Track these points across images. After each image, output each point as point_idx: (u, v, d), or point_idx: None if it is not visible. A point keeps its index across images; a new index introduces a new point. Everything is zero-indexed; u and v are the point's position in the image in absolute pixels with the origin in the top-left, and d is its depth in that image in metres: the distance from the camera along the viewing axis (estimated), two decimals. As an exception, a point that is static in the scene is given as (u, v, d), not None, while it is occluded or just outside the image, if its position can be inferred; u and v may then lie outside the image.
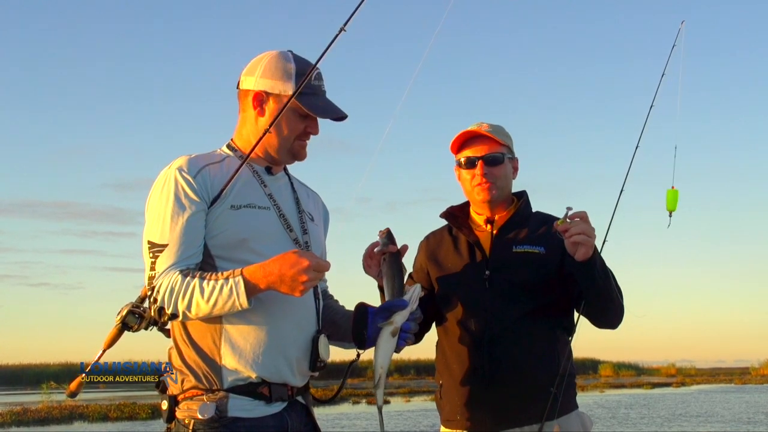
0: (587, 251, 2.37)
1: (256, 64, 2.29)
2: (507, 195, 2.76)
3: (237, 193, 2.19)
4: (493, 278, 2.63)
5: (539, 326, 2.59)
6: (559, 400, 2.50)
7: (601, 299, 2.51)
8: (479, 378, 2.58)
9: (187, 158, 2.19)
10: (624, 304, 2.60)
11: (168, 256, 2.10)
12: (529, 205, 2.79)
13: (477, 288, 2.64)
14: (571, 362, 2.63)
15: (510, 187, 2.76)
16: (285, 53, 2.29)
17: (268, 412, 2.15)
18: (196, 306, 2.06)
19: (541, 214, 2.77)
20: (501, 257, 2.65)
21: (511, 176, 2.75)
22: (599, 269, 2.44)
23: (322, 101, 2.29)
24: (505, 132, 2.78)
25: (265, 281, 2.04)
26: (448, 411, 2.68)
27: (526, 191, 2.84)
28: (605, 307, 2.55)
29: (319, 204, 2.50)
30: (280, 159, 2.32)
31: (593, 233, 2.39)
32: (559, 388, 2.51)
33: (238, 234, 2.16)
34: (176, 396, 2.15)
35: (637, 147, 2.98)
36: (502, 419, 2.56)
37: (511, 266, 2.62)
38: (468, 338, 2.63)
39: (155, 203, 2.16)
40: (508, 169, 2.73)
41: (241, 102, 2.32)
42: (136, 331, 2.06)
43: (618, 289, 2.55)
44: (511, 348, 2.56)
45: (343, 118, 2.30)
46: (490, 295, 2.61)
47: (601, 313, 2.59)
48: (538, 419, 2.51)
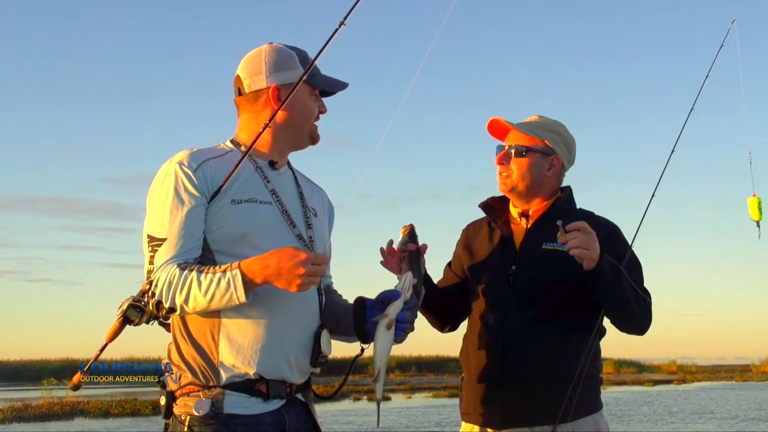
0: (589, 262, 2.37)
1: (258, 63, 2.28)
2: (536, 189, 2.70)
3: (238, 187, 2.18)
4: (518, 274, 2.61)
5: (558, 326, 2.55)
6: (574, 402, 2.45)
7: (613, 307, 2.50)
8: (492, 374, 2.57)
9: (188, 152, 2.19)
10: (651, 309, 2.56)
11: (166, 250, 2.09)
12: (568, 202, 2.74)
13: (501, 283, 2.63)
14: (597, 365, 2.59)
15: (539, 181, 2.70)
16: (276, 45, 2.31)
17: (266, 409, 2.13)
18: (194, 300, 2.05)
19: (583, 211, 2.73)
20: (529, 253, 2.63)
21: (539, 171, 2.69)
22: (608, 278, 2.42)
23: (327, 78, 2.34)
24: (549, 127, 2.73)
25: (262, 274, 2.03)
26: (464, 404, 2.69)
27: (571, 187, 2.80)
28: (620, 314, 2.53)
29: (325, 199, 2.49)
30: (302, 144, 2.34)
31: (591, 245, 2.37)
32: (575, 390, 2.45)
33: (238, 229, 2.14)
34: (174, 392, 2.14)
35: (672, 151, 2.92)
36: (512, 417, 2.54)
37: (537, 263, 2.60)
38: (486, 333, 2.63)
39: (155, 197, 2.16)
40: (535, 163, 2.68)
41: (250, 104, 2.29)
42: (137, 325, 2.06)
43: (637, 296, 2.50)
44: (525, 347, 2.54)
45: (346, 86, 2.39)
46: (511, 291, 2.60)
47: (618, 320, 2.57)
48: (551, 420, 2.47)
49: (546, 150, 2.70)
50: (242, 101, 2.31)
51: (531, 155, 2.69)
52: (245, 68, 2.30)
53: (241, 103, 2.32)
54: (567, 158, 2.76)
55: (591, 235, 2.38)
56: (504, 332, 2.57)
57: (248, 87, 2.28)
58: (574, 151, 2.80)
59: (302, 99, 2.26)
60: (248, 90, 2.28)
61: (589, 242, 2.37)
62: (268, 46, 2.31)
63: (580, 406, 2.47)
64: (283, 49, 2.30)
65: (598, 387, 2.64)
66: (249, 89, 2.28)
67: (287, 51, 2.30)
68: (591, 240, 2.37)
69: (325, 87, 2.32)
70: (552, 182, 2.73)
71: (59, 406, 20.08)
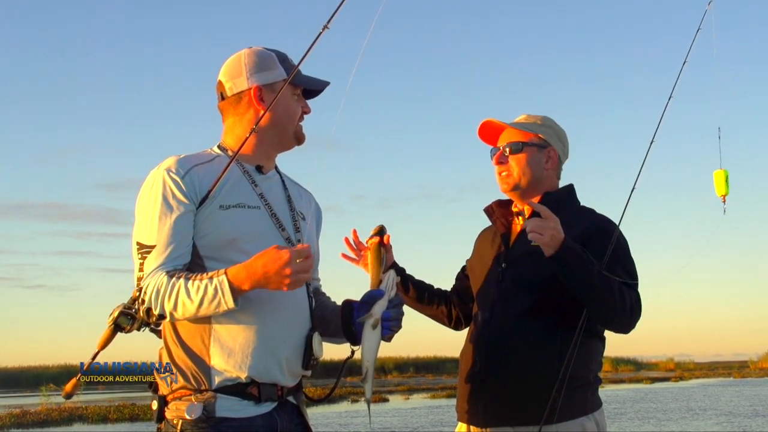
0: (545, 247, 2.35)
1: (238, 66, 2.30)
2: (536, 184, 2.69)
3: (226, 192, 2.18)
4: (506, 272, 2.62)
5: (543, 325, 2.51)
6: (558, 404, 2.39)
7: (581, 297, 2.43)
8: (477, 373, 2.58)
9: (176, 159, 2.19)
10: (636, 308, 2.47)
11: (155, 257, 2.10)
12: (567, 197, 2.72)
13: (492, 281, 2.65)
14: (590, 366, 2.55)
15: (539, 176, 2.69)
16: (255, 48, 2.33)
17: (257, 412, 2.14)
18: (182, 307, 2.06)
19: (584, 208, 2.72)
20: (518, 251, 2.64)
21: (538, 165, 2.69)
22: (572, 264, 2.37)
23: (307, 77, 2.35)
24: (539, 122, 2.74)
25: (249, 281, 2.04)
26: (457, 402, 2.71)
27: (573, 185, 2.78)
28: (589, 305, 2.44)
29: (312, 203, 2.50)
30: (288, 144, 2.35)
31: (544, 229, 2.35)
32: (558, 391, 2.40)
33: (227, 234, 2.15)
34: (165, 396, 2.15)
35: (652, 141, 2.82)
36: (495, 416, 2.54)
37: (524, 261, 2.59)
38: (475, 332, 2.65)
39: (143, 204, 2.16)
40: (532, 158, 2.68)
41: (233, 107, 2.31)
42: (129, 332, 2.06)
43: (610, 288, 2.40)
44: (509, 345, 2.53)
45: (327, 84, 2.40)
46: (499, 290, 2.61)
47: (595, 315, 2.46)
48: (534, 421, 2.42)
49: (541, 143, 2.71)
50: (225, 105, 2.33)
51: (528, 150, 2.69)
52: (226, 72, 2.32)
53: (224, 108, 2.34)
54: (562, 151, 2.77)
55: (548, 221, 2.36)
56: (489, 330, 2.59)
57: (230, 90, 2.30)
58: (567, 143, 2.81)
59: (284, 99, 2.27)
60: (230, 93, 2.30)
61: (545, 227, 2.35)
62: (246, 49, 2.33)
63: (565, 407, 2.41)
64: (261, 50, 2.32)
65: (590, 389, 2.56)
66: (231, 92, 2.30)
67: (266, 52, 2.32)
68: (548, 225, 2.35)
69: (306, 85, 2.34)
70: (552, 177, 2.74)
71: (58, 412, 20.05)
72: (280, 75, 2.28)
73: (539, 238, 2.35)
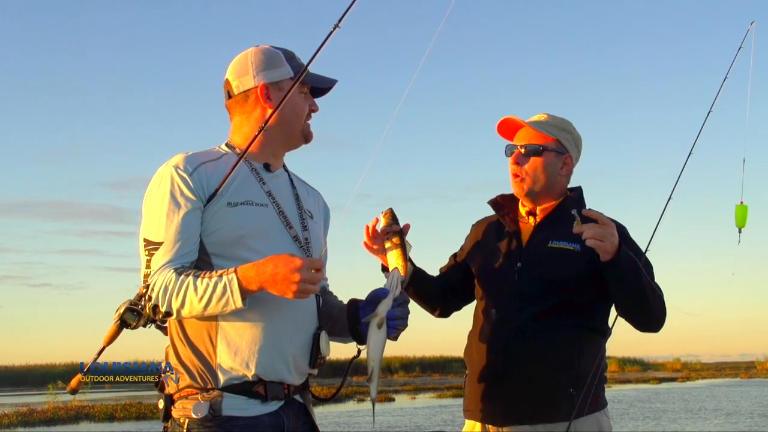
0: (605, 253, 2.37)
1: (244, 64, 2.29)
2: (549, 189, 2.70)
3: (234, 190, 2.18)
4: (523, 271, 2.61)
5: (562, 324, 2.55)
6: (577, 401, 2.45)
7: (630, 300, 2.50)
8: (494, 371, 2.58)
9: (184, 156, 2.19)
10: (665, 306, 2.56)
11: (163, 254, 2.10)
12: (577, 202, 2.73)
13: (507, 279, 2.64)
14: (602, 364, 2.58)
15: (553, 181, 2.70)
16: (261, 47, 2.33)
17: (264, 411, 2.13)
18: (190, 304, 2.06)
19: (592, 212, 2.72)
20: (535, 251, 2.63)
21: (554, 171, 2.69)
22: (627, 269, 2.42)
23: (315, 75, 2.34)
24: (560, 126, 2.73)
25: (257, 281, 2.03)
26: (467, 401, 2.69)
27: (581, 188, 2.80)
28: (636, 308, 2.52)
29: (320, 201, 2.49)
30: (295, 143, 2.34)
31: (607, 235, 2.37)
32: (577, 389, 2.46)
33: (234, 231, 2.15)
34: (172, 395, 2.14)
35: (690, 153, 2.86)
36: (513, 414, 2.54)
37: (543, 261, 2.60)
38: (489, 330, 2.63)
39: (151, 201, 2.16)
40: (549, 163, 2.68)
41: (240, 105, 2.31)
42: (135, 329, 2.05)
43: (654, 291, 2.50)
44: (528, 344, 2.54)
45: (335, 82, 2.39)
46: (516, 288, 2.60)
47: (632, 315, 2.55)
48: (551, 419, 2.48)
49: (560, 149, 2.70)
50: (232, 104, 2.32)
51: (546, 155, 2.68)
52: (233, 71, 2.31)
53: (231, 106, 2.33)
54: (576, 157, 2.77)
55: (608, 227, 2.39)
56: (507, 329, 2.58)
57: (237, 89, 2.30)
58: (581, 150, 2.81)
59: (292, 97, 2.26)
60: (237, 91, 2.30)
61: (605, 233, 2.37)
62: (253, 48, 2.33)
63: (582, 405, 2.46)
64: (268, 49, 2.32)
65: (602, 385, 2.62)
66: (238, 90, 2.30)
67: (272, 50, 2.32)
68: (608, 231, 2.38)
69: (313, 83, 2.33)
70: (563, 182, 2.74)
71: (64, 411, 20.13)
72: (287, 73, 2.28)
73: (600, 244, 2.37)
